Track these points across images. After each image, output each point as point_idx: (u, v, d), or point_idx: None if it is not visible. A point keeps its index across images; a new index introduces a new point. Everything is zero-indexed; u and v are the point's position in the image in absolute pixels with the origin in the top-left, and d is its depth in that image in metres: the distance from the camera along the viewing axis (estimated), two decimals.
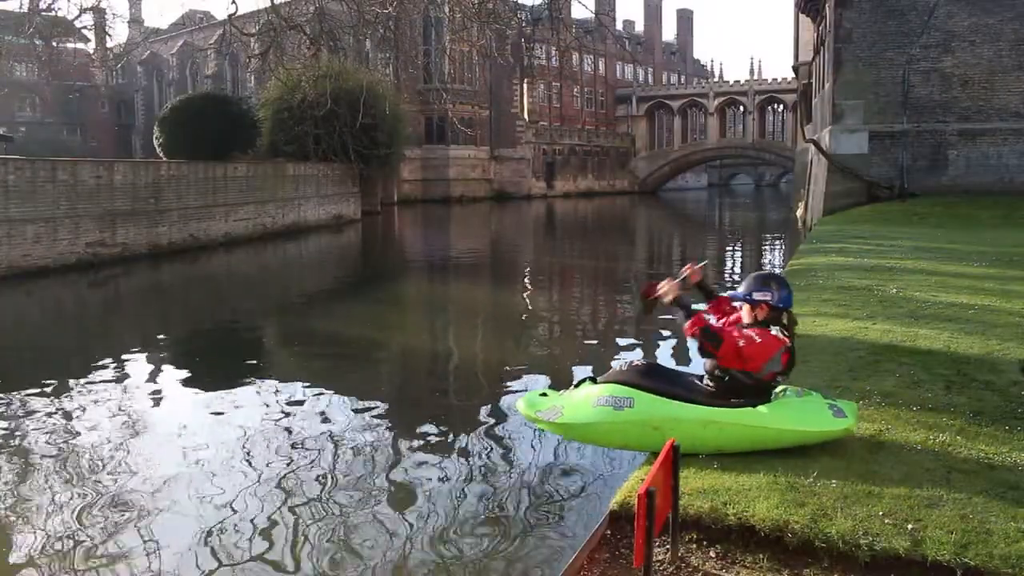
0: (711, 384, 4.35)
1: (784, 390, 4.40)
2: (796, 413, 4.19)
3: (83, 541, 5.06)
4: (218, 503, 5.60)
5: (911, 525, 3.32)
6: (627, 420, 4.24)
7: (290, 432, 7.24)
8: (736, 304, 4.49)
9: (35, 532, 5.20)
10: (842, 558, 3.24)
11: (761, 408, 4.19)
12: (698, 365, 4.82)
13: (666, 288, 4.32)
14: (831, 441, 4.22)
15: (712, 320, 4.41)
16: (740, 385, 4.26)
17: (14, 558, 4.88)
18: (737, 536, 3.48)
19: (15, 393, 8.55)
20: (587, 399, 4.40)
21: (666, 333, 11.22)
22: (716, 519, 3.54)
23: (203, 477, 6.12)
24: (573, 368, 9.88)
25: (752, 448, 4.21)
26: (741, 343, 4.14)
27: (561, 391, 4.81)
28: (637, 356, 9.91)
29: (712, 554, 3.45)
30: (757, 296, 4.28)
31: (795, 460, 4.06)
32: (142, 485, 5.95)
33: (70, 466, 6.43)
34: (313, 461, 6.43)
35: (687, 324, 4.22)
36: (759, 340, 4.14)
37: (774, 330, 4.23)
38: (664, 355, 10.42)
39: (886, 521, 3.36)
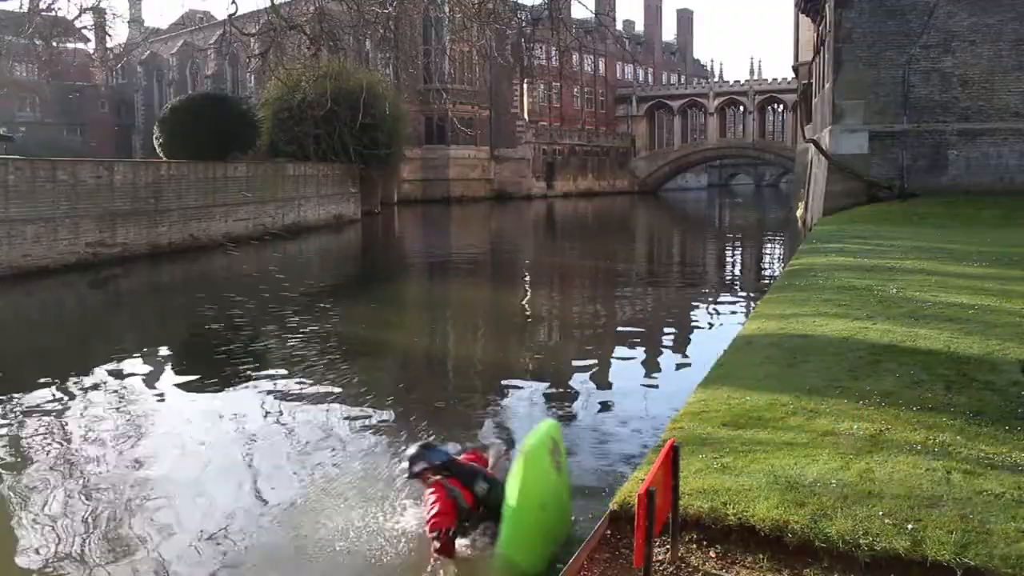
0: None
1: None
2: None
3: (82, 541, 5.06)
4: (218, 502, 5.61)
5: (911, 525, 3.32)
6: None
7: (289, 432, 7.24)
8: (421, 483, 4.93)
9: (34, 532, 5.20)
10: (842, 558, 3.24)
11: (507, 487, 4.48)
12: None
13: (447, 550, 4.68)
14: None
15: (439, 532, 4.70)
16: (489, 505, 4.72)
17: (14, 558, 4.88)
18: (737, 536, 3.48)
19: (15, 393, 8.54)
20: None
21: (668, 331, 11.21)
22: (716, 519, 3.54)
23: (203, 476, 6.13)
24: (572, 368, 9.88)
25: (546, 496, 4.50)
26: (429, 515, 4.64)
27: None
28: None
29: (712, 554, 3.45)
30: (416, 468, 4.82)
31: (795, 460, 4.06)
32: (142, 484, 5.95)
33: (69, 466, 6.43)
34: (313, 460, 6.43)
35: (432, 524, 4.62)
36: (428, 505, 4.68)
37: (431, 480, 4.74)
38: (666, 353, 10.45)
39: (886, 521, 3.36)
